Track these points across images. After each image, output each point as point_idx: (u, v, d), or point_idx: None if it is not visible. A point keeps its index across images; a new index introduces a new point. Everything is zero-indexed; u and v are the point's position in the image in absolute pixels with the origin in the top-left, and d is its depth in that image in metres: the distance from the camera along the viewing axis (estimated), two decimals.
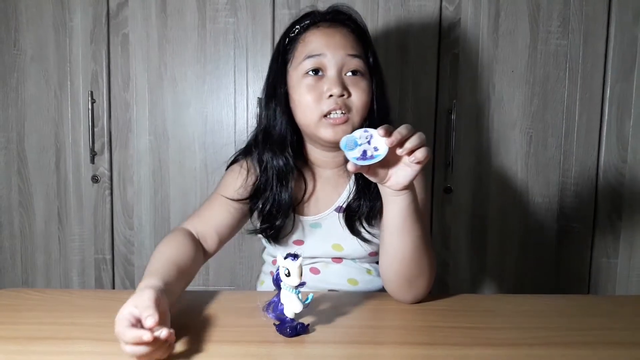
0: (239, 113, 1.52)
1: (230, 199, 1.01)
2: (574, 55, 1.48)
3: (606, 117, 1.50)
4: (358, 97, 0.94)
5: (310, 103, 0.94)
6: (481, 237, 1.55)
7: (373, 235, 1.01)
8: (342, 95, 0.93)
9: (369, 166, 0.78)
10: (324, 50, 0.94)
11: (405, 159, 0.78)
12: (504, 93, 1.50)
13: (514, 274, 1.56)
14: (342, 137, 0.79)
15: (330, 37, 0.95)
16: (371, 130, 0.78)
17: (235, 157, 1.08)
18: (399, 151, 0.77)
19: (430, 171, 1.51)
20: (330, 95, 0.93)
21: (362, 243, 1.00)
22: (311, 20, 0.99)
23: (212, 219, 1.01)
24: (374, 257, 1.04)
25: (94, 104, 1.52)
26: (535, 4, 1.47)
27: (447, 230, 1.55)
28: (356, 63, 0.95)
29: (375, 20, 1.48)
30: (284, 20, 1.47)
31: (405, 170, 0.79)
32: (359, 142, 0.79)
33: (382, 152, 0.77)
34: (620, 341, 0.78)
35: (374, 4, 1.48)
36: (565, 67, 1.49)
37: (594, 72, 1.49)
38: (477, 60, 1.49)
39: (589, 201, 1.53)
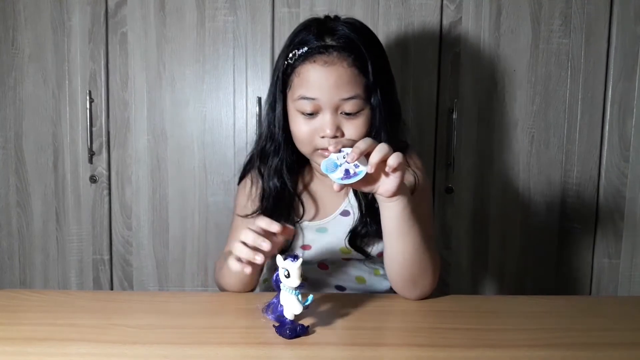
0: (238, 112, 1.51)
1: (246, 217, 1.04)
2: (576, 54, 1.48)
3: (608, 116, 1.49)
4: (351, 136, 0.95)
5: (304, 137, 0.96)
6: (482, 237, 1.54)
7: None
8: (335, 137, 0.94)
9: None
10: (318, 94, 0.93)
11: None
12: (505, 92, 1.49)
13: (515, 275, 1.55)
14: None
15: (324, 78, 0.92)
16: (346, 150, 0.82)
17: (243, 171, 1.10)
18: (369, 168, 0.80)
19: (431, 171, 1.51)
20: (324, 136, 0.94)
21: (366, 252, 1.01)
22: (309, 48, 0.94)
23: None
24: (382, 257, 1.04)
25: (92, 104, 1.51)
26: (536, 2, 1.46)
27: (448, 230, 1.54)
28: (351, 105, 0.93)
29: (375, 19, 1.47)
30: (284, 19, 1.46)
31: (389, 179, 0.82)
32: (339, 163, 0.82)
33: (364, 168, 0.81)
34: (622, 342, 0.78)
35: (374, 2, 1.47)
36: (567, 66, 1.48)
37: (596, 71, 1.48)
38: (479, 59, 1.48)
39: (590, 201, 1.52)
